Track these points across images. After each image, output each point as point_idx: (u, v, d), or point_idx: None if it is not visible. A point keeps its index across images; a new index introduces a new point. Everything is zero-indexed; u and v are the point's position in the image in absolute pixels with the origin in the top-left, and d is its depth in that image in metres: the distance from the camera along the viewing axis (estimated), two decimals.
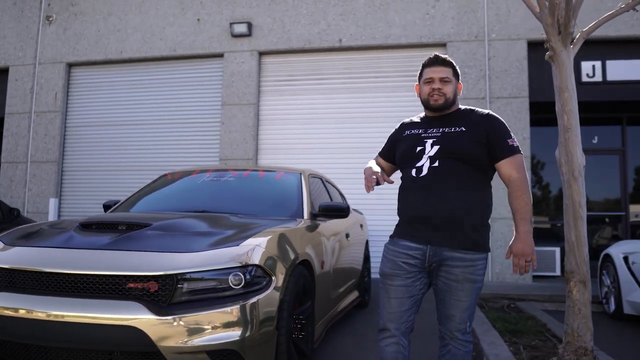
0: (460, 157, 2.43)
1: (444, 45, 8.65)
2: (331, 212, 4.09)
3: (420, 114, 2.71)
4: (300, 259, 3.29)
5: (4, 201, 7.29)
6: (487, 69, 8.41)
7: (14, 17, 10.17)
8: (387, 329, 2.47)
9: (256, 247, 2.91)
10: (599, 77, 8.38)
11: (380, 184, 2.51)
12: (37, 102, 9.79)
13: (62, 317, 2.62)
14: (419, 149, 2.50)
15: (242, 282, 2.73)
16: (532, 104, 8.26)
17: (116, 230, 3.12)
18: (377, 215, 7.93)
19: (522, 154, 2.51)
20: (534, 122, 8.40)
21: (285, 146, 9.05)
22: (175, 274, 2.66)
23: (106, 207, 4.54)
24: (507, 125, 2.55)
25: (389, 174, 2.76)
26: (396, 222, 2.61)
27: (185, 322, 2.59)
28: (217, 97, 9.30)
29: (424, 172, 2.44)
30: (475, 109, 2.61)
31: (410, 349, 2.51)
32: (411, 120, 2.71)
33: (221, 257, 2.79)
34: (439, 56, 2.59)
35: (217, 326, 2.62)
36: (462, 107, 2.63)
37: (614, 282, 5.68)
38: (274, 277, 2.89)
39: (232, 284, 2.72)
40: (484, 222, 2.48)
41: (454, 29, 8.65)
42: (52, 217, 9.19)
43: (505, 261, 7.85)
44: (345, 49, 8.99)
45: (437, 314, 2.56)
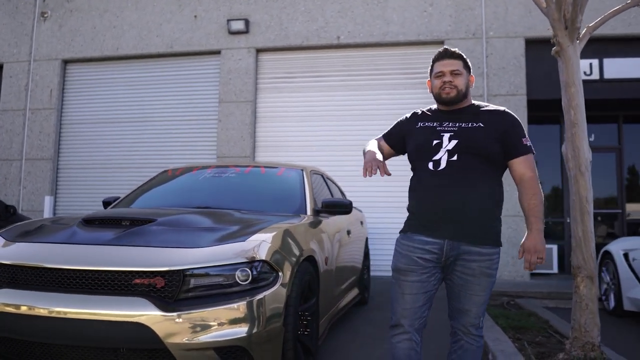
0: (478, 152, 2.41)
1: (441, 42, 8.63)
2: (334, 208, 4.07)
3: (431, 106, 2.68)
4: (305, 255, 3.27)
5: None
6: (484, 67, 8.41)
7: (8, 13, 10.06)
8: (400, 325, 2.43)
9: (262, 243, 2.87)
10: (596, 75, 8.41)
11: (374, 174, 2.37)
12: (32, 99, 9.69)
13: (66, 313, 2.57)
14: (435, 142, 2.46)
15: (249, 277, 2.70)
16: (529, 101, 8.27)
17: (120, 225, 3.08)
18: (376, 212, 7.92)
19: (534, 154, 2.51)
20: (531, 120, 8.39)
21: (282, 144, 9.02)
22: (182, 270, 2.62)
23: (106, 203, 4.48)
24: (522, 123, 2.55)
25: (386, 159, 2.67)
26: (395, 218, 2.58)
27: (192, 319, 2.55)
28: (214, 95, 9.25)
29: (442, 165, 2.41)
30: (489, 105, 2.60)
31: (422, 345, 2.48)
32: (423, 111, 2.66)
33: (228, 252, 2.75)
34: (448, 49, 2.57)
35: (224, 322, 2.59)
36: (475, 102, 2.61)
37: (614, 278, 5.69)
38: (280, 273, 2.86)
39: (239, 280, 2.69)
40: (498, 217, 2.48)
41: (452, 26, 8.64)
42: (47, 215, 9.11)
43: (503, 258, 7.85)
44: (343, 46, 8.97)
45: (450, 309, 2.54)
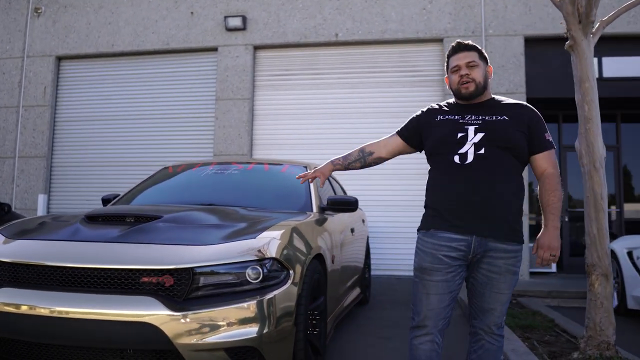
0: (505, 146, 2.34)
1: (440, 40, 8.60)
2: (340, 205, 4.00)
3: (448, 100, 2.62)
4: (314, 253, 3.19)
5: None
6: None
7: (1, 8, 9.89)
8: (424, 326, 2.35)
9: (272, 240, 2.79)
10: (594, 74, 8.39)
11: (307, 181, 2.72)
12: (26, 96, 9.54)
13: (70, 313, 2.47)
14: (460, 135, 2.38)
15: (260, 275, 2.61)
16: (528, 100, 8.23)
17: (124, 222, 2.98)
18: (375, 211, 7.85)
19: (555, 149, 2.45)
20: None
21: (280, 141, 8.93)
22: (191, 268, 2.53)
23: (105, 201, 4.38)
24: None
25: (393, 156, 2.67)
26: (394, 217, 2.52)
27: (202, 318, 2.46)
28: (211, 92, 9.14)
29: (470, 159, 2.33)
30: (509, 99, 2.55)
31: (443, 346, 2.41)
32: (440, 105, 2.59)
33: (238, 249, 2.67)
34: (461, 42, 2.51)
35: (235, 322, 2.50)
36: (494, 96, 2.55)
37: (617, 277, 5.66)
38: (291, 271, 2.78)
39: (249, 278, 2.60)
40: (522, 213, 2.43)
41: (451, 24, 8.59)
42: (41, 213, 8.96)
43: None
44: (341, 43, 8.89)
45: (472, 308, 2.46)
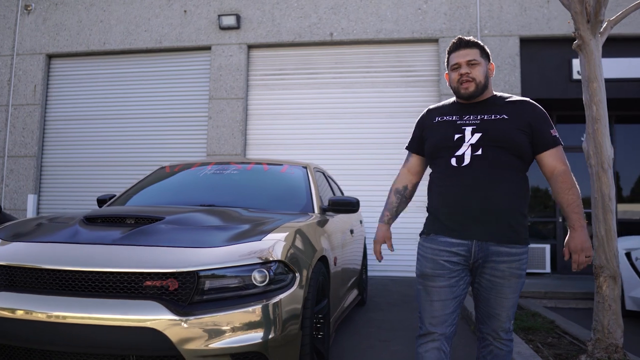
0: (504, 145, 2.25)
1: (436, 40, 8.58)
2: (342, 206, 3.93)
3: (448, 100, 2.54)
4: (319, 255, 3.13)
5: None
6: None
7: None
8: (430, 333, 2.28)
9: (278, 242, 2.72)
10: None
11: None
12: (15, 95, 9.38)
13: (70, 318, 2.38)
14: (457, 136, 2.30)
15: (267, 279, 2.54)
16: None
17: (125, 224, 2.89)
18: (370, 212, 7.78)
19: (562, 145, 2.36)
20: None
21: (274, 141, 8.86)
22: (196, 271, 2.46)
23: (101, 201, 4.28)
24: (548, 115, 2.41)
25: (423, 172, 2.58)
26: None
27: (208, 323, 2.38)
28: (204, 91, 9.05)
29: (467, 161, 2.25)
30: (512, 96, 2.45)
31: (450, 354, 2.34)
32: (438, 105, 2.52)
33: (243, 252, 2.59)
34: (463, 38, 2.41)
35: (241, 327, 2.42)
36: (497, 93, 2.46)
37: None
38: (297, 274, 2.71)
39: (255, 281, 2.53)
40: (525, 214, 2.33)
41: (446, 24, 8.57)
42: (30, 214, 8.83)
43: None
44: (336, 43, 8.84)
45: (478, 314, 2.40)
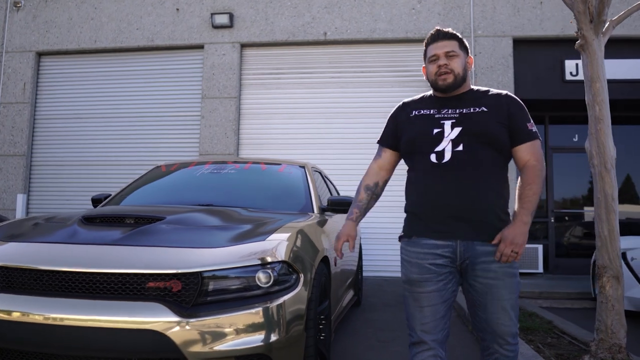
0: (485, 140, 2.15)
1: None
2: (341, 206, 3.88)
3: (423, 93, 2.43)
4: (322, 256, 3.10)
5: None
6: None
7: None
8: (422, 342, 2.16)
9: (282, 242, 2.68)
10: (581, 76, 8.40)
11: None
12: (4, 93, 9.24)
13: (69, 320, 2.33)
14: (436, 131, 2.19)
15: (271, 279, 2.50)
16: None
17: (125, 224, 2.83)
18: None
19: (540, 140, 2.26)
20: None
21: (267, 141, 8.81)
22: (200, 272, 2.41)
23: (95, 201, 4.21)
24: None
25: (394, 169, 2.47)
26: (385, 218, 2.40)
27: (212, 325, 2.34)
28: (196, 90, 8.97)
29: (447, 157, 2.15)
30: (490, 89, 2.35)
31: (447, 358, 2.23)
32: (414, 99, 2.41)
33: (247, 252, 2.55)
34: (441, 30, 2.31)
35: (246, 329, 2.38)
36: (474, 87, 2.37)
37: None
38: (301, 275, 2.68)
39: (259, 282, 2.49)
40: (508, 212, 2.24)
41: (440, 24, 8.54)
42: (20, 214, 8.69)
43: None
44: (330, 42, 8.80)
45: (476, 321, 2.23)
